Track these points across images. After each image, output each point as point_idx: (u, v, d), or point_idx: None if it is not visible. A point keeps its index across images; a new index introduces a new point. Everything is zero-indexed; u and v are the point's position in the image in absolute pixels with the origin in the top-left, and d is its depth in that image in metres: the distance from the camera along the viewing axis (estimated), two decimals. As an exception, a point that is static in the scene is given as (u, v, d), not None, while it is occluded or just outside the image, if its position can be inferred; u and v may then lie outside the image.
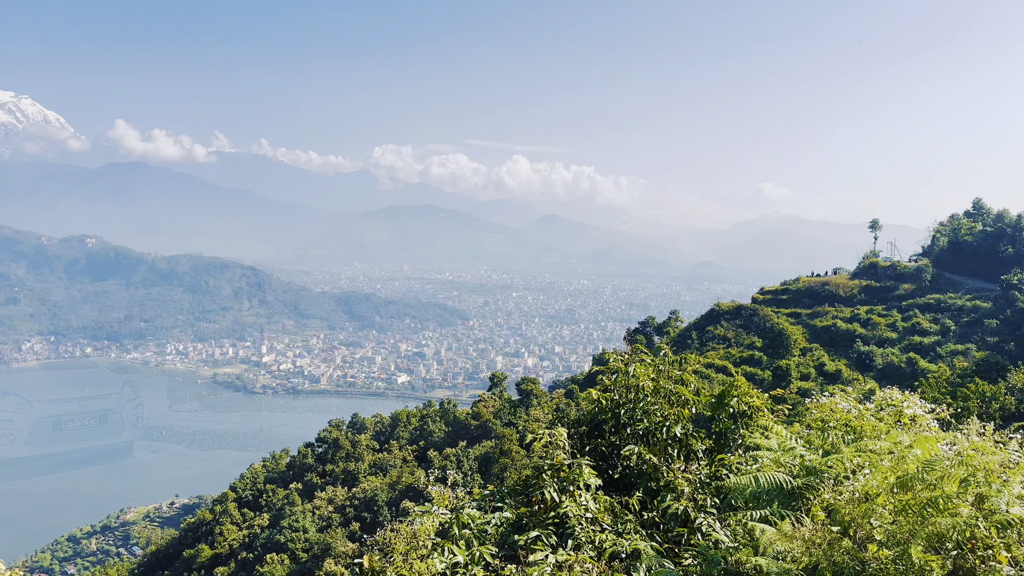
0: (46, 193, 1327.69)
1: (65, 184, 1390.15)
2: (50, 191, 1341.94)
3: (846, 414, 11.83)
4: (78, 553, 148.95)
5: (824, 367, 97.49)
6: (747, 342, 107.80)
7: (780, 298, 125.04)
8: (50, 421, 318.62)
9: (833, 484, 9.59)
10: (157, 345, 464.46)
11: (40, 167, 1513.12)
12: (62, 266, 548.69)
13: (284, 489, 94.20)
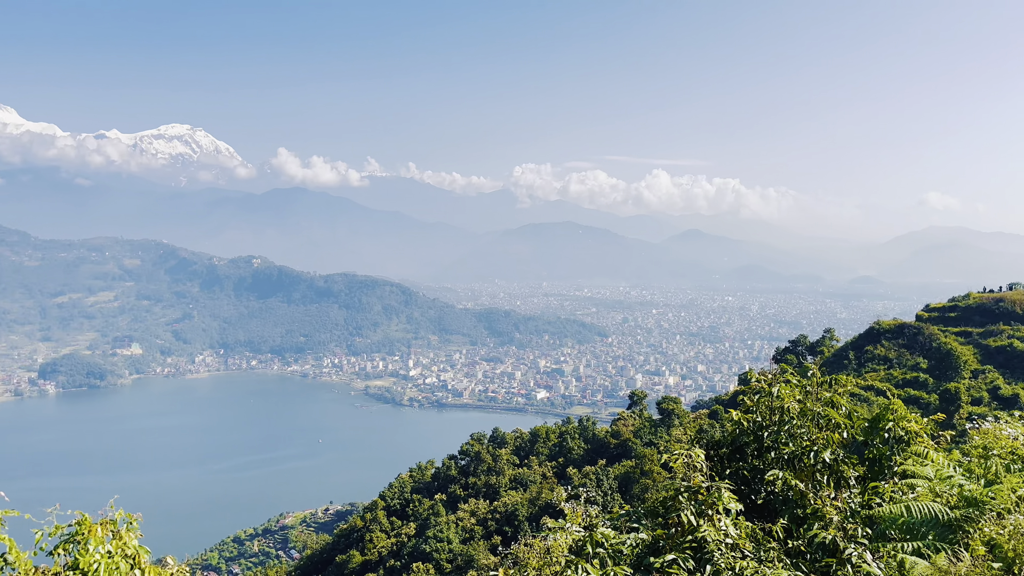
0: (217, 218, 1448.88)
1: (234, 209, 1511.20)
2: (220, 216, 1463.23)
3: (1012, 441, 10.72)
4: (242, 554, 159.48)
5: (999, 391, 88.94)
6: (911, 363, 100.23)
7: (948, 316, 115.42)
8: (220, 429, 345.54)
9: (995, 517, 8.74)
10: (315, 358, 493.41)
11: (212, 194, 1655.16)
12: (231, 285, 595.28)
13: (429, 500, 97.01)
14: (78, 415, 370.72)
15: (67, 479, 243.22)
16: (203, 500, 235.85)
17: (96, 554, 10.17)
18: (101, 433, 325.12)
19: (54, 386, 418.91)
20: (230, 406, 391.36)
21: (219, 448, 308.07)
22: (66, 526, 11.99)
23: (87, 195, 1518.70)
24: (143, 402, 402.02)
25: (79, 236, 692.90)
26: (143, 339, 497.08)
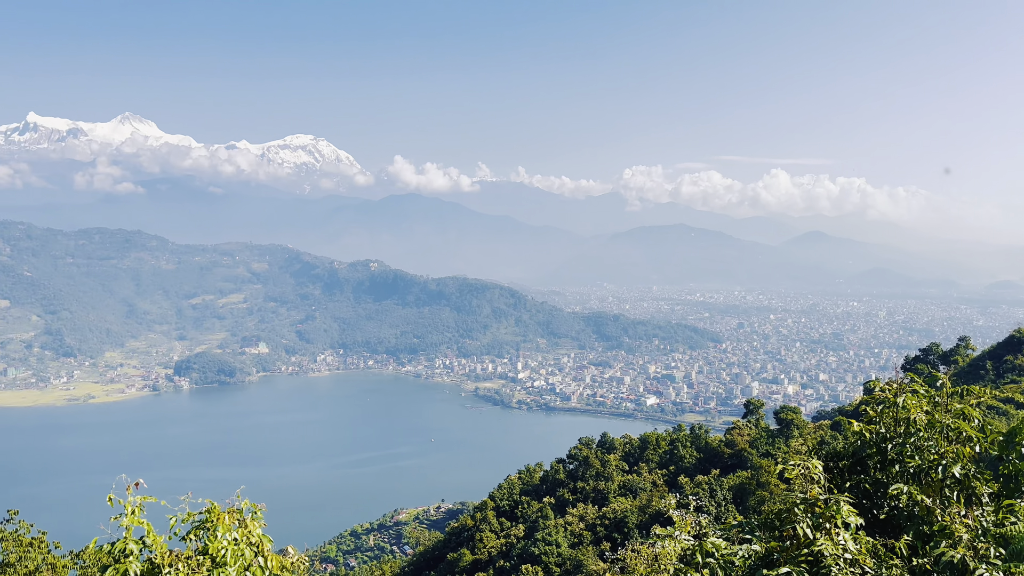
0: (337, 223, 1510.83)
1: (353, 215, 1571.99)
2: (340, 221, 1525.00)
3: None
4: (358, 547, 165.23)
5: None
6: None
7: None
8: (339, 426, 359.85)
9: None
10: (427, 359, 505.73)
11: (333, 200, 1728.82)
12: (350, 288, 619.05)
13: (538, 502, 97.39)
14: (209, 410, 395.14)
15: (198, 470, 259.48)
16: (323, 494, 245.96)
17: (224, 540, 10.83)
18: (230, 427, 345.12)
19: (188, 382, 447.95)
20: (348, 404, 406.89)
21: (338, 444, 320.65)
22: (197, 513, 12.81)
23: (219, 203, 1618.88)
24: (269, 398, 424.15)
25: (212, 241, 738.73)
26: (269, 339, 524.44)
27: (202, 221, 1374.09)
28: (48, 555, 31.14)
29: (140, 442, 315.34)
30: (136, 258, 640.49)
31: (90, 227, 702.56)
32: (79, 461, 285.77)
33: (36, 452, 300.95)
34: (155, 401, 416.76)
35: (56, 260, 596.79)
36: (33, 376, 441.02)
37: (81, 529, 47.06)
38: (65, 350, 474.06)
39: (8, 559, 30.15)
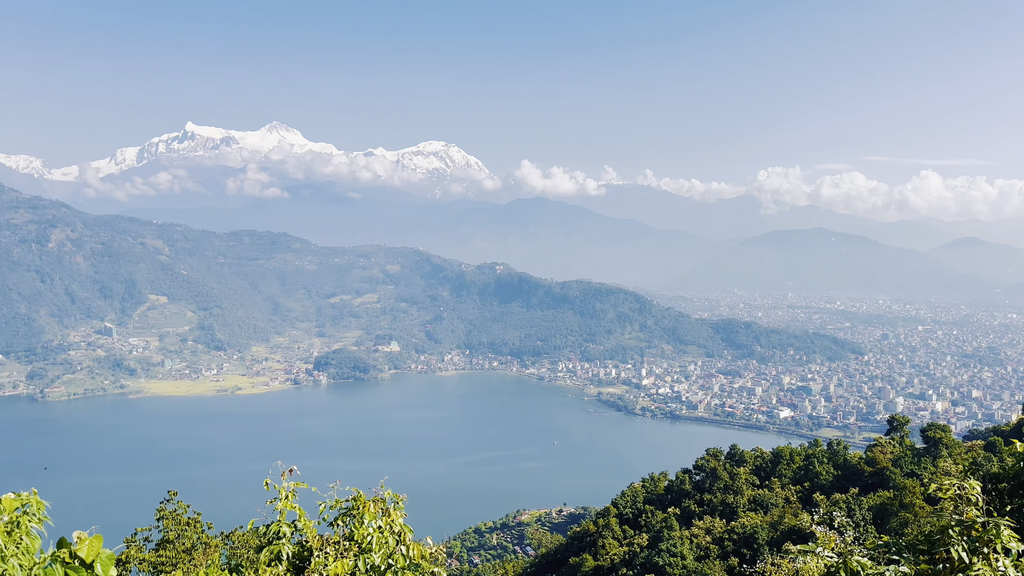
0: (465, 227, 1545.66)
1: (480, 219, 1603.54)
2: (468, 225, 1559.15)
3: None
4: (482, 545, 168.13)
5: None
6: None
7: None
8: (464, 424, 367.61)
9: None
10: (551, 362, 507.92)
11: (462, 205, 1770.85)
12: (476, 290, 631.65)
13: (662, 512, 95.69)
14: (345, 404, 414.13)
15: (334, 461, 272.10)
16: (448, 489, 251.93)
17: (369, 528, 11.47)
18: (363, 421, 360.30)
19: (326, 377, 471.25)
20: (473, 403, 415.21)
21: (463, 442, 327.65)
22: (343, 501, 13.57)
23: (357, 207, 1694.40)
24: (399, 395, 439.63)
25: (350, 244, 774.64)
26: (401, 337, 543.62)
27: (341, 224, 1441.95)
28: (202, 535, 33.72)
29: (282, 432, 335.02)
30: (281, 259, 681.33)
31: (240, 229, 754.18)
32: (227, 449, 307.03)
33: (189, 439, 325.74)
34: (296, 394, 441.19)
35: (209, 260, 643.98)
36: (187, 367, 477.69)
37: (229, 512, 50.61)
38: (216, 344, 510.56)
39: (168, 536, 32.91)
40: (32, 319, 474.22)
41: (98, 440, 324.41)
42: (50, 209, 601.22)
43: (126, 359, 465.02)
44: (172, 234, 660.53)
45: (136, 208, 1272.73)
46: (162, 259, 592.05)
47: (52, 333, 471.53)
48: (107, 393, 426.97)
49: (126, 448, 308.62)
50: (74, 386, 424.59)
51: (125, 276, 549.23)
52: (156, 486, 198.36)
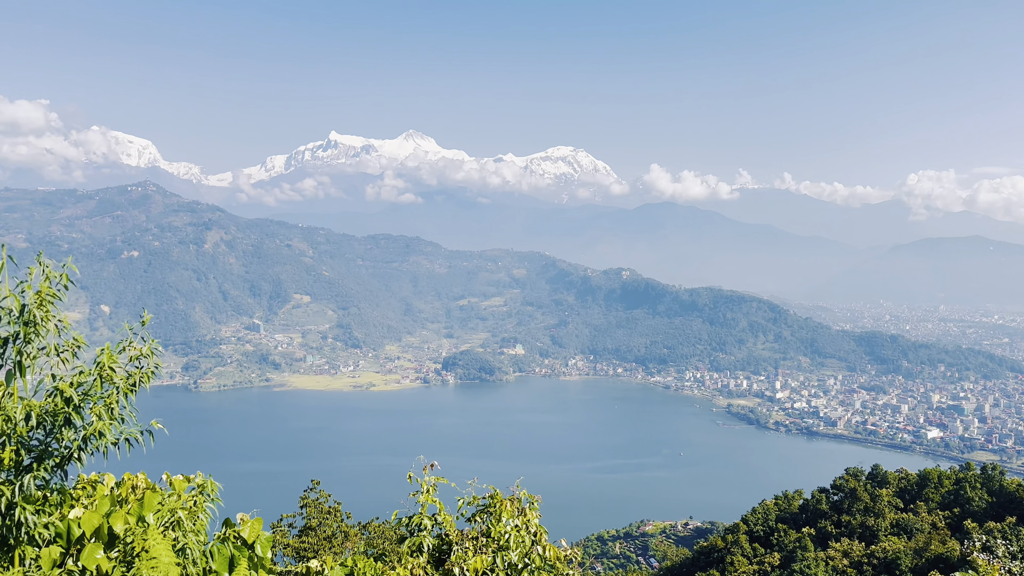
0: (592, 232, 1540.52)
1: (607, 224, 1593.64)
2: (595, 230, 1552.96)
3: None
4: (604, 553, 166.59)
5: None
6: None
7: None
8: (587, 430, 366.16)
9: None
10: (677, 371, 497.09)
11: (588, 210, 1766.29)
12: (601, 295, 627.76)
13: (796, 531, 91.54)
14: (471, 404, 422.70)
15: (462, 459, 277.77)
16: (570, 495, 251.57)
17: (507, 526, 11.75)
18: (489, 422, 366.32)
19: (454, 377, 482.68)
20: (597, 409, 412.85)
21: (586, 448, 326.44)
22: (480, 498, 13.93)
23: (486, 212, 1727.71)
24: (524, 398, 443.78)
25: (478, 248, 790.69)
26: (525, 341, 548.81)
27: (471, 229, 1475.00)
28: (342, 524, 35.47)
29: (412, 429, 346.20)
30: (414, 262, 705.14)
31: (377, 233, 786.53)
32: (361, 442, 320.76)
33: (327, 431, 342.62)
34: (425, 392, 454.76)
35: (349, 262, 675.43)
36: (327, 363, 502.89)
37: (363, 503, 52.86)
38: (353, 342, 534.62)
39: (310, 523, 34.84)
40: (189, 315, 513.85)
41: (245, 429, 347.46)
42: (206, 213, 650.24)
43: (272, 354, 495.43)
44: (315, 237, 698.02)
45: (283, 212, 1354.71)
46: (306, 261, 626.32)
47: (206, 328, 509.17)
48: (254, 385, 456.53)
49: (270, 438, 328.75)
50: (224, 378, 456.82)
51: (272, 276, 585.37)
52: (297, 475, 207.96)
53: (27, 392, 9.36)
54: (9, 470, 9.21)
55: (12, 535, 8.89)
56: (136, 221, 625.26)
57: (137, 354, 9.84)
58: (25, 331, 9.09)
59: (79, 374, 9.37)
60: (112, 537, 9.53)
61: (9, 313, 9.16)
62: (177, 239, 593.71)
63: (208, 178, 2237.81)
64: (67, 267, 9.51)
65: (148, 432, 9.77)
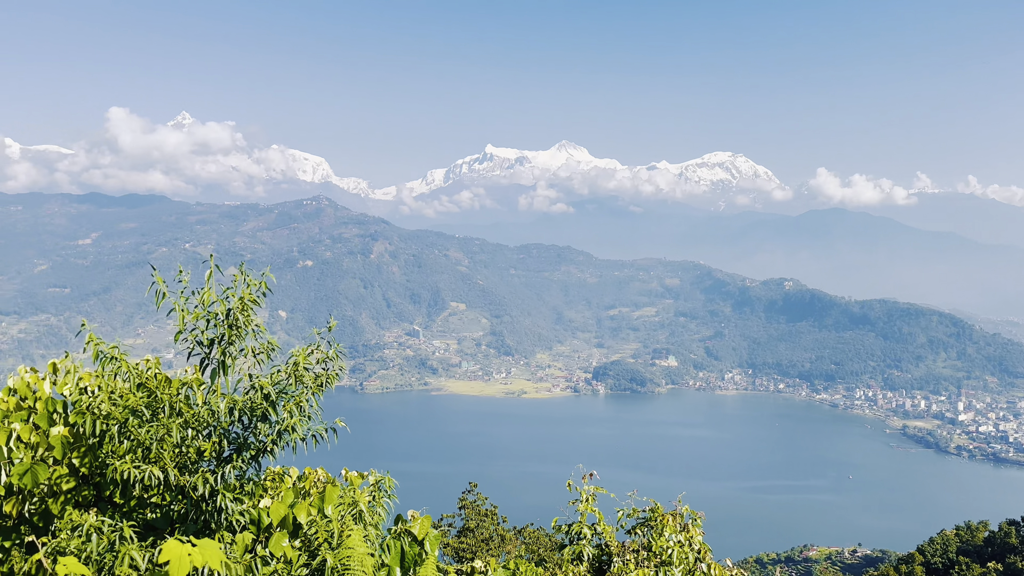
0: (750, 240, 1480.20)
1: (767, 232, 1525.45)
2: (754, 239, 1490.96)
3: None
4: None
5: None
6: None
7: None
8: (745, 447, 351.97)
9: None
10: (846, 389, 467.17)
11: (748, 217, 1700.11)
12: (761, 306, 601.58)
13: (979, 566, 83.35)
14: (621, 415, 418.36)
15: (611, 470, 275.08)
16: (726, 514, 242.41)
17: (670, 541, 11.55)
18: (639, 434, 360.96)
19: (604, 387, 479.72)
20: (756, 426, 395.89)
21: (743, 465, 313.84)
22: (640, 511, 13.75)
23: (638, 221, 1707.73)
24: (676, 411, 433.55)
25: (630, 257, 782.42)
26: (678, 352, 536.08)
27: (622, 238, 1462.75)
28: (498, 527, 36.18)
29: (562, 437, 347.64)
30: (565, 271, 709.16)
31: (529, 243, 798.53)
32: (512, 448, 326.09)
33: (480, 435, 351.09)
34: (575, 401, 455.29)
35: (502, 271, 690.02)
36: (480, 369, 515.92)
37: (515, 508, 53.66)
38: (505, 349, 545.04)
39: (468, 524, 35.80)
40: (356, 320, 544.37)
41: (404, 430, 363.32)
42: (373, 225, 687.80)
43: (430, 359, 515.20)
44: (471, 247, 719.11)
45: (441, 223, 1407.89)
46: (462, 270, 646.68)
47: (371, 333, 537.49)
48: (413, 389, 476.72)
49: (427, 439, 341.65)
50: (387, 381, 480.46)
51: (431, 285, 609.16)
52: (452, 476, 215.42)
53: (228, 389, 10.36)
54: (212, 460, 10.19)
55: (214, 520, 9.81)
56: (310, 233, 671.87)
57: (323, 357, 10.63)
58: (229, 333, 10.14)
59: (276, 373, 10.29)
60: (296, 527, 10.29)
61: (215, 317, 10.26)
62: (346, 250, 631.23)
63: (374, 192, 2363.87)
64: (265, 276, 10.51)
65: (332, 429, 10.50)
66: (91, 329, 10.47)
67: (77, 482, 10.35)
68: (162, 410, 9.73)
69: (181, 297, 10.27)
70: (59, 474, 10.18)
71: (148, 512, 10.01)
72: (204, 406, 9.94)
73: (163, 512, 9.94)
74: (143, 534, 9.59)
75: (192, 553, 7.53)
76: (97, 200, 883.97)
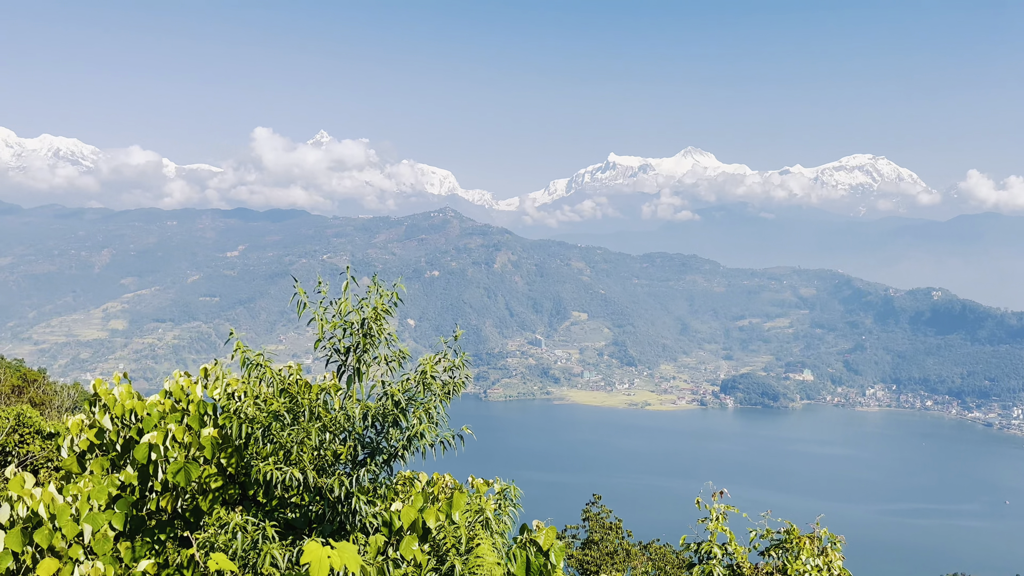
0: (893, 247, 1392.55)
1: (912, 238, 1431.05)
2: (897, 245, 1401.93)
3: None
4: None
5: None
6: None
7: None
8: (888, 468, 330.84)
9: None
10: (1002, 407, 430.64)
11: (890, 223, 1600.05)
12: (906, 318, 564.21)
13: None
14: (751, 431, 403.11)
15: (739, 488, 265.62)
16: (866, 539, 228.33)
17: (807, 565, 10.94)
18: (771, 451, 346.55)
19: (732, 401, 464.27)
20: (900, 446, 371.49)
21: (886, 487, 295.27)
22: (774, 532, 13.12)
23: (769, 228, 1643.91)
24: (812, 427, 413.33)
25: (760, 266, 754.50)
26: (814, 366, 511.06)
27: (752, 246, 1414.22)
28: (624, 541, 35.63)
29: (687, 451, 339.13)
30: (690, 280, 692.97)
31: (653, 252, 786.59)
32: (635, 460, 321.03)
33: (601, 446, 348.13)
34: (701, 415, 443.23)
35: (624, 281, 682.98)
36: (602, 380, 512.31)
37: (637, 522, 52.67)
38: (628, 360, 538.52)
39: (592, 537, 35.46)
40: (480, 329, 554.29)
41: (526, 439, 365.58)
42: (496, 235, 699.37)
43: (551, 368, 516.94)
44: (593, 256, 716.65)
45: (564, 233, 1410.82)
46: (584, 279, 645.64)
47: (494, 342, 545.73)
48: (535, 398, 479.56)
49: (549, 448, 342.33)
50: (509, 389, 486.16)
51: (553, 294, 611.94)
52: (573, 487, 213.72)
53: (363, 396, 10.77)
54: (347, 463, 10.61)
55: (348, 521, 10.19)
56: (437, 244, 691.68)
57: (450, 365, 10.86)
58: (364, 342, 10.55)
59: (405, 380, 10.61)
60: (425, 531, 10.51)
61: (351, 326, 10.71)
62: (471, 260, 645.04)
63: (498, 203, 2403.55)
64: (396, 287, 10.88)
65: (459, 436, 10.69)
66: (238, 337, 11.17)
67: (224, 481, 11.05)
68: (302, 414, 10.24)
69: (320, 307, 10.82)
70: (208, 473, 10.92)
71: (288, 512, 10.54)
72: (341, 411, 10.40)
73: (302, 512, 10.44)
74: (283, 533, 10.09)
75: (331, 555, 7.89)
76: (244, 215, 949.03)
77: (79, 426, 11.98)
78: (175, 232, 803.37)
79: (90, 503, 10.06)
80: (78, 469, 11.84)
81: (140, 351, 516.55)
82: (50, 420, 27.17)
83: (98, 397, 11.92)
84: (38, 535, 9.47)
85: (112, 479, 10.68)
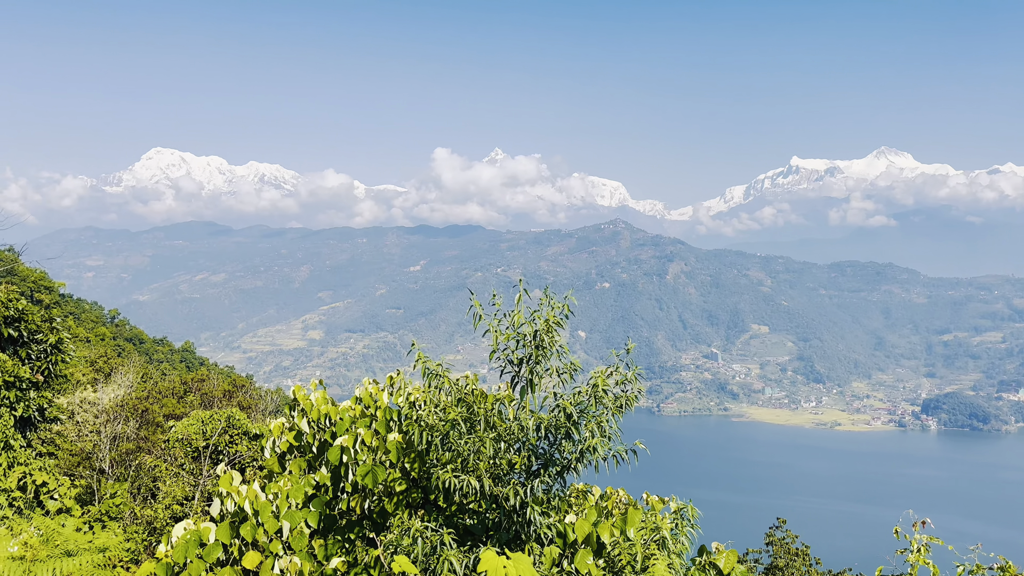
0: None
1: None
2: None
3: None
4: None
5: None
6: None
7: None
8: None
9: None
10: None
11: None
12: None
13: None
14: (957, 456, 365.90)
15: (945, 517, 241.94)
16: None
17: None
18: (981, 479, 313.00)
19: (935, 422, 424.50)
20: None
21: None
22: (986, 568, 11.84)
23: (976, 232, 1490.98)
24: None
25: (966, 274, 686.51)
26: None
27: (957, 253, 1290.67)
28: (811, 568, 33.43)
29: (882, 476, 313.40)
30: (886, 291, 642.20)
31: (842, 260, 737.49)
32: (822, 484, 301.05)
33: (784, 468, 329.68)
34: (900, 437, 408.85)
35: (810, 291, 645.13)
36: (786, 397, 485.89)
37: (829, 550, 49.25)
38: (814, 376, 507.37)
39: (776, 562, 33.56)
40: (651, 341, 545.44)
41: (702, 456, 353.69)
42: (668, 246, 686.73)
43: (729, 383, 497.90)
44: (774, 266, 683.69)
45: (741, 242, 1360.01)
46: (764, 290, 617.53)
47: (667, 355, 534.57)
48: (712, 414, 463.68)
49: (726, 467, 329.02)
50: (684, 404, 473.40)
51: (730, 306, 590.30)
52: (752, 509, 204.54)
53: (536, 407, 10.93)
54: (521, 473, 10.78)
55: (523, 531, 10.34)
56: (607, 256, 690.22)
57: (623, 379, 10.76)
58: (536, 354, 10.72)
59: (576, 393, 10.66)
60: (600, 546, 10.44)
61: (524, 337, 10.93)
62: (642, 271, 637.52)
63: (670, 213, 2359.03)
64: (568, 299, 10.98)
65: (632, 451, 10.54)
66: (419, 348, 11.73)
67: (408, 485, 11.60)
68: (478, 423, 10.56)
69: (494, 319, 11.13)
70: (393, 476, 11.53)
71: (467, 518, 10.88)
72: (515, 421, 10.61)
73: (479, 520, 10.74)
74: (461, 539, 10.42)
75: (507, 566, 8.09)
76: (425, 231, 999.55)
77: (280, 428, 13.14)
78: (365, 249, 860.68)
79: (288, 501, 10.99)
80: (279, 469, 12.97)
81: (334, 359, 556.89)
82: (256, 422, 29.93)
83: (296, 402, 13.02)
84: (244, 529, 10.49)
85: (308, 479, 11.58)
